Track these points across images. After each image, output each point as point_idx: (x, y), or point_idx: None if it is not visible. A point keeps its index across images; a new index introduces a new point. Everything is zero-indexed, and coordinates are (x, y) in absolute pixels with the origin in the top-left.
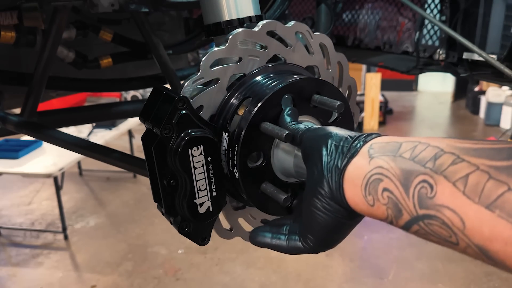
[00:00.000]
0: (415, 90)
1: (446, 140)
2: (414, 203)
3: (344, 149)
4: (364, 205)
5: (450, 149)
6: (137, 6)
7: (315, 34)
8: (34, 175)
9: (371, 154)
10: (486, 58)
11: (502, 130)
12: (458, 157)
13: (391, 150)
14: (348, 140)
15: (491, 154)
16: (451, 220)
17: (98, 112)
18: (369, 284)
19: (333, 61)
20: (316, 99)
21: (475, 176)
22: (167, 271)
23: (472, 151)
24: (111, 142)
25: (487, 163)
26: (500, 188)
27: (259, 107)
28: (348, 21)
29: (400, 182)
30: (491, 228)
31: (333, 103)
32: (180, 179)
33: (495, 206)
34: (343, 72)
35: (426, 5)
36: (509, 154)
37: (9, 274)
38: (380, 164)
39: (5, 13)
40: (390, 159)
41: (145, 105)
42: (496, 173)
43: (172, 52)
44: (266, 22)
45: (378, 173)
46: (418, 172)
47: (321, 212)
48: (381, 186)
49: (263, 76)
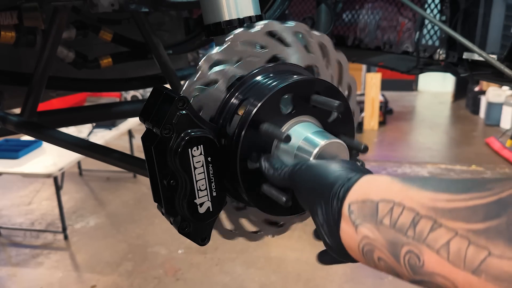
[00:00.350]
0: (415, 90)
1: (420, 195)
2: (407, 271)
3: (329, 214)
4: (370, 265)
5: (426, 212)
6: (137, 6)
7: (314, 33)
8: (34, 175)
9: (354, 220)
10: (486, 58)
11: (502, 130)
12: (435, 222)
13: (370, 214)
14: (328, 201)
15: (467, 215)
16: (445, 284)
17: (98, 112)
18: (369, 284)
19: (333, 60)
20: (315, 99)
21: (456, 243)
22: (167, 271)
23: (448, 213)
24: (111, 142)
25: (464, 226)
26: (481, 253)
27: (259, 108)
28: (348, 21)
29: (389, 252)
30: None
31: (332, 103)
32: (180, 179)
33: (480, 271)
34: (342, 70)
35: (426, 5)
36: (485, 214)
37: (9, 274)
38: (366, 233)
39: (5, 13)
40: (373, 228)
41: (145, 105)
42: (475, 238)
43: (172, 52)
44: (265, 22)
45: (368, 244)
46: (402, 243)
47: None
48: (375, 255)
49: (263, 76)
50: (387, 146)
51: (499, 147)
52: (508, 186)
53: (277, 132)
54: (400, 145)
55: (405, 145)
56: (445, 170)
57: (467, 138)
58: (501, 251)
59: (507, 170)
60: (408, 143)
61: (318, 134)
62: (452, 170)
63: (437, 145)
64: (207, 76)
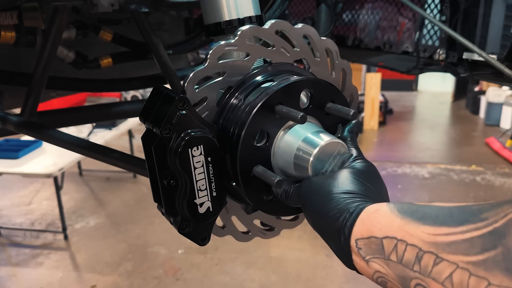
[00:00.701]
0: (415, 90)
1: (420, 231)
2: None
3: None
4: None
5: (428, 247)
6: (137, 6)
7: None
8: (34, 175)
9: (363, 256)
10: (486, 58)
11: (502, 130)
12: (437, 257)
13: (377, 251)
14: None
15: (465, 248)
16: None
17: (98, 112)
18: (369, 284)
19: (347, 90)
20: (330, 106)
21: (458, 275)
22: (167, 271)
23: (447, 247)
24: (111, 142)
25: (464, 259)
26: (481, 284)
27: (280, 89)
28: (348, 21)
29: (401, 285)
30: None
31: (348, 111)
32: (180, 179)
33: None
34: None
35: (426, 5)
36: (482, 247)
37: (9, 274)
38: (377, 268)
39: (5, 13)
40: (383, 263)
41: (145, 105)
42: (475, 269)
43: (172, 52)
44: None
45: (380, 276)
46: (411, 277)
47: None
48: (389, 286)
49: (263, 77)
50: (387, 146)
51: (499, 147)
52: (501, 214)
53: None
54: (400, 145)
55: (405, 145)
56: (445, 170)
57: (467, 138)
58: (499, 281)
59: (507, 170)
60: (408, 143)
61: (318, 134)
62: (452, 170)
63: (437, 145)
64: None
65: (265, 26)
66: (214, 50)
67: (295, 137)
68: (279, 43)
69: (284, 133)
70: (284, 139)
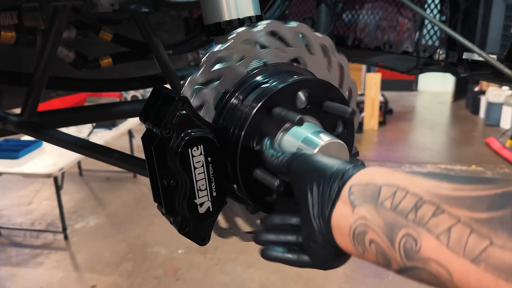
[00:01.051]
0: (415, 90)
1: (425, 183)
2: (401, 256)
3: (325, 193)
4: (355, 252)
5: (430, 197)
6: (137, 6)
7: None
8: (34, 175)
9: (353, 201)
10: (486, 58)
11: (502, 130)
12: (438, 208)
13: (371, 196)
14: (328, 181)
15: (471, 204)
16: (438, 272)
17: (98, 112)
18: (369, 284)
19: (346, 84)
20: (328, 105)
21: (458, 230)
22: (167, 271)
23: (452, 200)
24: (111, 142)
25: (468, 214)
26: (483, 242)
27: (277, 91)
28: (348, 21)
29: (385, 234)
30: (477, 281)
31: (345, 110)
32: (180, 179)
33: (480, 260)
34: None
35: (426, 5)
36: (489, 205)
37: (9, 274)
38: (363, 214)
39: (5, 13)
40: (372, 209)
41: (145, 105)
42: (478, 226)
43: (172, 52)
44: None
45: (362, 225)
46: (401, 225)
47: (318, 247)
48: (368, 238)
49: (263, 77)
50: (387, 146)
51: (499, 147)
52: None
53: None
54: (400, 145)
55: (405, 145)
56: (445, 170)
57: (467, 138)
58: (504, 242)
59: (507, 170)
60: (408, 143)
61: (318, 135)
62: (452, 170)
63: (437, 145)
64: (210, 73)
65: (257, 27)
66: (207, 57)
67: (294, 138)
68: (273, 44)
69: (283, 134)
70: (283, 141)
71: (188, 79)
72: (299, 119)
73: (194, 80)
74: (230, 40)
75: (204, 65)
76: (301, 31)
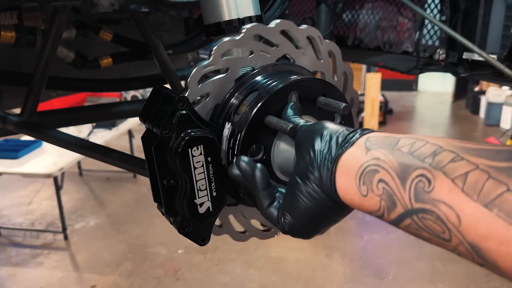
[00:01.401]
0: (415, 90)
1: (446, 139)
2: (410, 196)
3: (339, 139)
4: (356, 195)
5: (450, 147)
6: (137, 6)
7: (326, 41)
8: (34, 175)
9: (368, 146)
10: (486, 58)
11: (502, 130)
12: (458, 155)
13: (388, 143)
14: (344, 132)
15: (490, 154)
16: (446, 216)
17: (98, 112)
18: (369, 284)
19: (339, 70)
20: (321, 101)
21: (475, 175)
22: (167, 271)
23: (472, 151)
24: (111, 142)
25: (487, 163)
26: (499, 188)
27: (266, 100)
28: (348, 21)
29: (397, 174)
30: (488, 226)
31: (339, 105)
32: (180, 179)
33: (493, 205)
34: (347, 83)
35: (426, 5)
36: (509, 156)
37: (9, 274)
38: (377, 155)
39: (5, 13)
40: (387, 152)
41: (145, 105)
42: (496, 173)
43: (172, 52)
44: (281, 21)
45: (374, 164)
46: (416, 166)
47: (305, 197)
48: (377, 177)
49: (272, 73)
50: None
51: None
52: None
53: (282, 124)
54: None
55: None
56: None
57: (467, 138)
58: None
59: None
60: None
61: None
62: None
63: None
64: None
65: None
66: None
67: (291, 144)
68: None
69: (279, 141)
70: (280, 148)
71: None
72: (291, 128)
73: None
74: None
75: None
76: (311, 35)
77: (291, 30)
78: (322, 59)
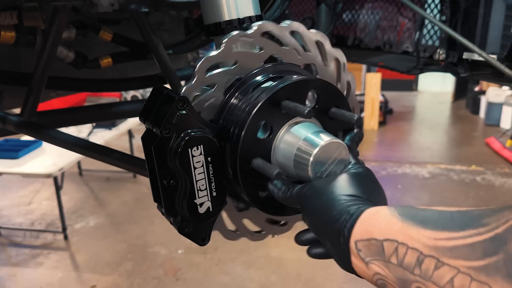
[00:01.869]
0: (415, 90)
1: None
2: None
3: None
4: None
5: (428, 251)
6: (137, 6)
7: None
8: (34, 175)
9: (363, 258)
10: (486, 58)
11: (502, 130)
12: (439, 261)
13: (378, 253)
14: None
15: (467, 253)
16: None
17: (98, 112)
18: (369, 284)
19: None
20: (334, 112)
21: (459, 280)
22: (167, 271)
23: (449, 252)
24: (111, 142)
25: (465, 264)
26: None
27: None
28: (348, 21)
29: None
30: None
31: (352, 116)
32: (180, 179)
33: None
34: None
35: (426, 5)
36: (483, 252)
37: (9, 274)
38: (377, 271)
39: (5, 13)
40: (383, 265)
41: (145, 105)
42: (476, 274)
43: (172, 52)
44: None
45: (380, 278)
46: (411, 280)
47: None
48: None
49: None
50: (387, 146)
51: (499, 147)
52: (502, 220)
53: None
54: (400, 145)
55: (405, 145)
56: (445, 170)
57: (467, 138)
58: (500, 287)
59: (507, 170)
60: (408, 143)
61: (318, 134)
62: (452, 170)
63: (437, 145)
64: (203, 82)
65: (282, 24)
66: (230, 38)
67: (295, 138)
68: (293, 44)
69: (287, 130)
70: (286, 136)
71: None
72: (308, 111)
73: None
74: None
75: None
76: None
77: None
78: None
